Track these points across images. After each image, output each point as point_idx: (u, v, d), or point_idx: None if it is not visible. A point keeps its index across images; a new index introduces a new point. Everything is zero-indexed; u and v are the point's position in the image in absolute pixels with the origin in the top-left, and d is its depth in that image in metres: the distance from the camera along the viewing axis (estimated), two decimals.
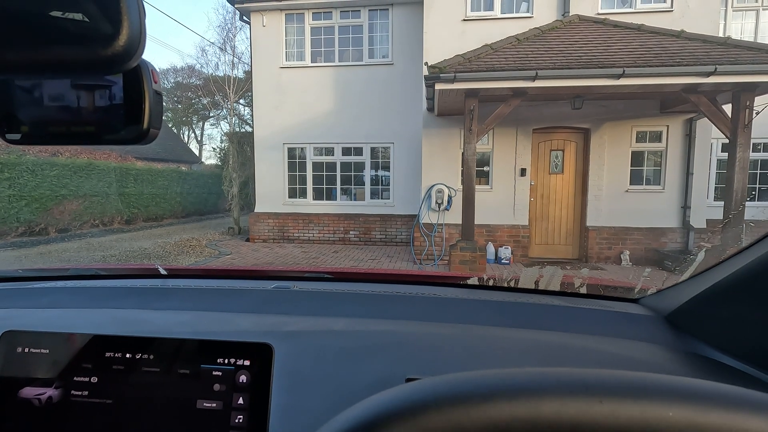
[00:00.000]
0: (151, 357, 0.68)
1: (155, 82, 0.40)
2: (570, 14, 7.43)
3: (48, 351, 0.69)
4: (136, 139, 0.41)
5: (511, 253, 7.71)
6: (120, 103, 0.40)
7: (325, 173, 9.93)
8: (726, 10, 8.27)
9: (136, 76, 0.39)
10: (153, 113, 0.40)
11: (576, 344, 0.82)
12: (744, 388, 0.27)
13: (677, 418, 0.23)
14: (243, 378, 0.66)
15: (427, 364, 0.72)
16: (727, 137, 6.06)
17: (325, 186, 9.97)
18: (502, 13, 7.89)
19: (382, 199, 9.79)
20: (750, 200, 7.67)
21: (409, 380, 0.69)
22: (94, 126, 0.40)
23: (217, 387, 0.66)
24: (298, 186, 10.04)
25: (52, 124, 0.41)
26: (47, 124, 0.41)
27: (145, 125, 0.40)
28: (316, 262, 7.75)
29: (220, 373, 0.66)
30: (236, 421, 0.64)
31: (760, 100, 6.01)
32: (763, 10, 8.33)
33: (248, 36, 10.29)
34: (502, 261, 7.62)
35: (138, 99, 0.40)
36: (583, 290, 1.11)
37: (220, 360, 0.67)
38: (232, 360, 0.67)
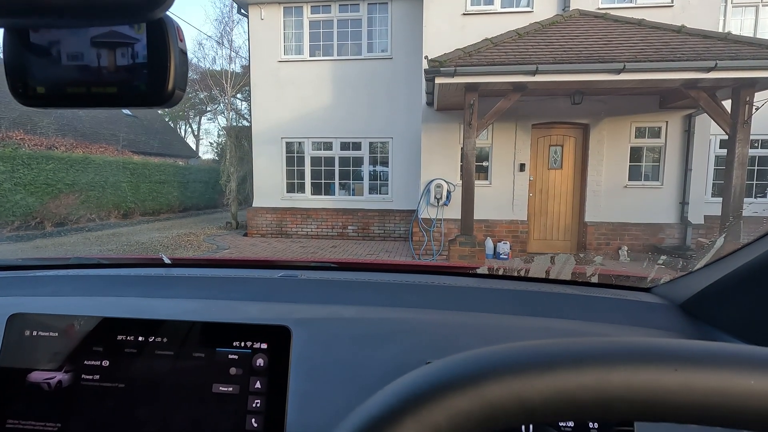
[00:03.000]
0: (165, 340, 0.66)
1: (180, 41, 0.38)
2: (570, 9, 7.41)
3: (57, 334, 0.68)
4: (160, 100, 0.38)
5: (510, 248, 7.72)
6: (143, 62, 0.37)
7: (323, 168, 9.88)
8: (726, 6, 8.26)
9: (161, 32, 0.37)
10: (178, 73, 0.38)
11: (592, 332, 0.81)
12: None
13: (759, 387, 0.22)
14: (260, 362, 0.64)
15: (444, 352, 0.71)
16: (726, 133, 6.07)
17: (323, 181, 9.93)
18: (502, 7, 7.87)
19: (380, 194, 9.77)
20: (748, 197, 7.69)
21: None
22: (116, 86, 0.38)
23: (233, 371, 0.64)
24: (296, 181, 10.00)
25: (71, 85, 0.38)
26: (66, 85, 0.38)
27: (170, 86, 0.38)
28: (314, 256, 7.73)
29: (236, 357, 0.65)
30: (253, 405, 0.63)
31: (759, 96, 6.01)
32: (762, 6, 8.33)
33: (246, 30, 10.21)
34: (501, 256, 7.63)
35: (163, 57, 0.37)
36: (595, 279, 1.10)
37: (236, 343, 0.65)
38: (249, 343, 0.65)
